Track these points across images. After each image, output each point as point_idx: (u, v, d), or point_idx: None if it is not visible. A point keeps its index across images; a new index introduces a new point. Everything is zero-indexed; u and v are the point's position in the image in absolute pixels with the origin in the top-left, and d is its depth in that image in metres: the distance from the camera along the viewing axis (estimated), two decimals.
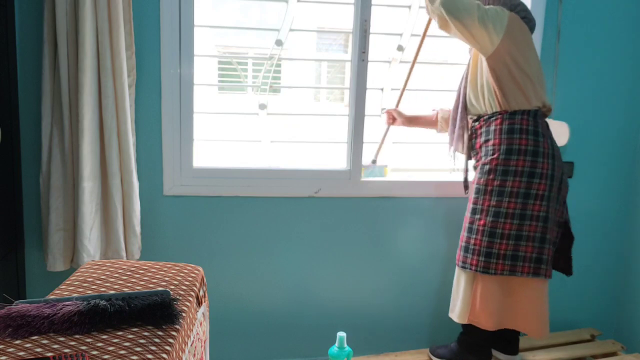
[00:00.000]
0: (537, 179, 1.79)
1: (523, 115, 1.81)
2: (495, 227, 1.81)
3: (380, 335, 2.33)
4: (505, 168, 1.80)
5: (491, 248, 1.82)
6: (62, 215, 1.88)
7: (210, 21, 2.11)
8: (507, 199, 1.80)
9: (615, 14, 2.25)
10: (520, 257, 1.81)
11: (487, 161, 1.84)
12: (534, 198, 1.79)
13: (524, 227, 1.80)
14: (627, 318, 2.45)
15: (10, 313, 1.12)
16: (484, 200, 1.83)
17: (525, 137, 1.80)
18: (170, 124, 2.02)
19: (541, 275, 1.82)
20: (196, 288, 1.44)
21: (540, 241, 1.81)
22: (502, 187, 1.80)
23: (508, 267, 1.82)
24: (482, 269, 1.83)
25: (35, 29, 1.85)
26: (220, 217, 2.12)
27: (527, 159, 1.79)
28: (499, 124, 1.83)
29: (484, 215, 1.83)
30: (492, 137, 1.84)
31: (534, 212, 1.80)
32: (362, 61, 2.10)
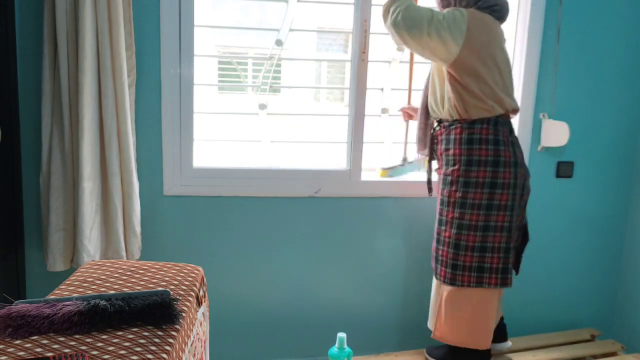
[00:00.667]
0: (500, 189, 1.77)
1: (483, 125, 1.77)
2: (460, 239, 1.80)
3: (380, 335, 2.33)
4: (466, 180, 1.77)
5: (457, 260, 1.81)
6: (62, 215, 1.88)
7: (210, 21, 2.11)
8: (470, 211, 1.78)
9: (615, 14, 2.25)
10: (487, 269, 1.80)
11: (449, 172, 1.82)
12: (497, 209, 1.77)
13: (488, 239, 1.78)
14: (627, 318, 2.45)
15: (10, 313, 1.12)
16: (447, 212, 1.82)
17: (485, 147, 1.76)
18: (170, 124, 2.02)
19: (508, 285, 1.82)
20: (196, 288, 1.44)
21: (505, 251, 1.80)
22: (464, 199, 1.78)
23: (474, 279, 1.80)
24: (450, 281, 1.83)
25: (35, 29, 1.85)
26: (220, 217, 2.12)
27: (487, 169, 1.76)
28: (459, 134, 1.79)
29: (448, 227, 1.82)
30: (452, 146, 1.81)
31: (498, 223, 1.78)
32: (362, 61, 2.10)
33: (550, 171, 2.33)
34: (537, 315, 2.44)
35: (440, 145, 1.87)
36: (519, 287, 2.40)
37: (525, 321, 2.43)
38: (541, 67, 2.23)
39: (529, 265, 2.39)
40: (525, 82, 2.23)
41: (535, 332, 2.42)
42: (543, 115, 2.27)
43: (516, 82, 2.22)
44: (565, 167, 2.33)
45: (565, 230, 2.39)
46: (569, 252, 2.42)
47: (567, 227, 2.39)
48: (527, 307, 2.42)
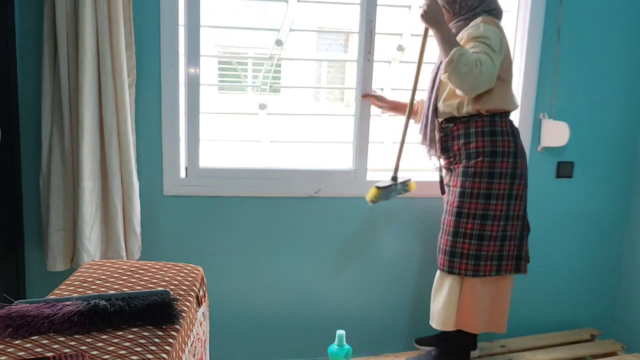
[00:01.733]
0: (518, 180, 1.83)
1: (502, 117, 1.83)
2: (484, 229, 1.83)
3: (380, 335, 2.33)
4: (491, 171, 1.81)
5: (480, 251, 1.84)
6: (62, 215, 1.88)
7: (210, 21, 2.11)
8: (495, 202, 1.82)
9: (615, 14, 2.25)
10: (505, 257, 1.87)
11: (472, 164, 1.83)
12: (515, 198, 1.84)
13: (507, 227, 1.85)
14: (627, 318, 2.45)
15: (10, 313, 1.12)
16: (470, 203, 1.83)
17: (507, 138, 1.82)
18: (171, 124, 2.02)
19: (522, 271, 1.90)
20: (196, 288, 1.44)
21: (519, 239, 1.89)
22: (489, 189, 1.81)
23: (495, 267, 1.86)
24: (472, 273, 1.85)
25: (35, 29, 1.85)
26: (220, 217, 2.12)
27: (510, 160, 1.81)
28: (480, 127, 1.83)
29: (471, 218, 1.84)
30: (474, 139, 1.83)
31: (515, 212, 1.85)
32: (367, 61, 2.10)
33: (550, 171, 2.33)
34: (537, 315, 2.44)
35: (457, 141, 1.88)
36: (519, 287, 2.40)
37: (525, 321, 2.43)
38: (541, 67, 2.23)
39: (529, 265, 2.38)
40: (525, 82, 2.23)
41: (535, 332, 2.42)
42: (543, 115, 2.27)
43: (516, 82, 2.22)
44: (565, 167, 2.33)
45: (565, 231, 2.39)
46: (569, 253, 2.42)
47: (567, 227, 2.39)
48: (527, 307, 2.42)
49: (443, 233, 1.92)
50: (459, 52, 1.69)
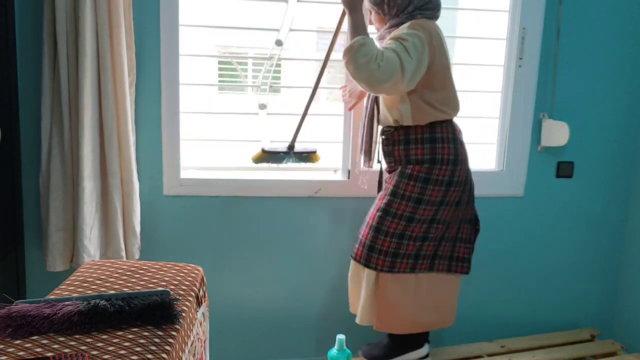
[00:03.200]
0: (454, 187, 1.80)
1: (442, 124, 1.79)
2: (406, 230, 1.81)
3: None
4: (427, 176, 1.78)
5: (398, 249, 1.82)
6: (61, 215, 1.88)
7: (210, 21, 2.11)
8: (424, 207, 1.79)
9: (615, 14, 2.25)
10: (421, 256, 1.85)
11: (410, 167, 1.80)
12: (447, 204, 1.81)
13: (431, 230, 1.83)
14: (627, 318, 2.45)
15: (10, 313, 1.12)
16: (399, 204, 1.80)
17: (447, 146, 1.79)
18: (171, 124, 2.02)
19: (452, 272, 1.89)
20: (196, 288, 1.44)
21: (439, 240, 1.85)
22: (421, 194, 1.79)
23: (410, 265, 1.84)
24: (388, 269, 1.83)
25: (35, 29, 1.85)
26: (220, 217, 2.12)
27: (448, 168, 1.79)
28: (420, 134, 1.79)
29: (396, 219, 1.81)
30: (414, 146, 1.80)
31: (443, 217, 1.82)
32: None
33: (550, 171, 2.33)
34: (537, 315, 2.44)
35: (397, 146, 1.84)
36: (518, 287, 2.40)
37: (525, 321, 2.43)
38: (541, 67, 2.23)
39: (529, 265, 2.39)
40: (525, 82, 2.23)
41: (535, 332, 2.42)
42: (543, 115, 2.27)
43: (516, 82, 2.22)
44: (565, 167, 2.33)
45: (565, 230, 2.39)
46: (569, 252, 2.42)
47: (567, 227, 2.39)
48: (527, 307, 2.42)
49: (365, 225, 1.88)
50: (362, 41, 1.62)
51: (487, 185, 2.29)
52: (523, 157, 2.29)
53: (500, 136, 2.30)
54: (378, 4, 1.77)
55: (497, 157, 2.32)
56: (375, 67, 1.60)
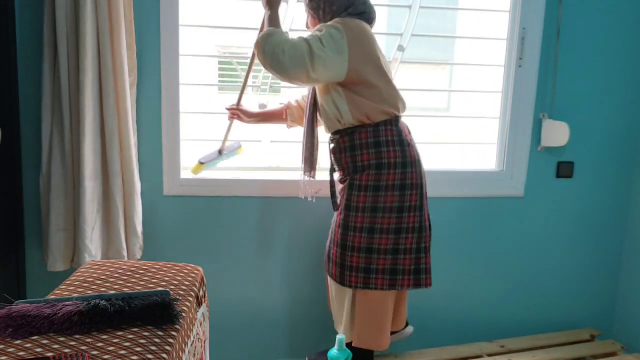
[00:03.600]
0: (409, 190, 1.75)
1: (387, 126, 1.75)
2: (372, 243, 1.75)
3: None
4: (376, 183, 1.73)
5: (369, 264, 1.77)
6: (62, 215, 1.88)
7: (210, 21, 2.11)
8: (382, 215, 1.74)
9: (615, 14, 2.25)
10: (399, 271, 1.78)
11: (357, 177, 1.76)
12: (409, 210, 1.75)
13: (400, 241, 1.76)
14: (627, 318, 2.45)
15: (10, 313, 1.12)
16: (356, 217, 1.76)
17: (393, 149, 1.74)
18: (171, 124, 2.02)
19: (422, 286, 1.80)
20: (196, 288, 1.44)
21: (417, 252, 1.79)
22: (375, 203, 1.74)
23: (388, 281, 1.78)
24: (362, 285, 1.78)
25: (36, 30, 1.85)
26: (221, 217, 2.12)
27: (397, 171, 1.73)
28: (365, 138, 1.75)
29: (357, 232, 1.76)
30: (359, 152, 1.75)
31: (409, 225, 1.76)
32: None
33: (550, 171, 2.33)
34: (537, 315, 2.44)
35: (344, 154, 1.79)
36: (519, 287, 2.41)
37: (525, 321, 2.43)
38: (541, 67, 2.23)
39: (529, 265, 2.39)
40: (525, 82, 2.23)
41: (535, 332, 2.42)
42: (543, 115, 2.27)
43: (516, 82, 2.22)
44: (565, 167, 2.33)
45: (565, 230, 2.39)
46: (569, 252, 2.42)
47: (567, 227, 2.39)
48: (527, 307, 2.42)
49: (332, 241, 1.85)
50: (270, 31, 1.66)
51: (487, 185, 2.29)
52: (523, 157, 2.29)
53: (500, 136, 2.30)
54: (314, 8, 1.78)
55: (497, 157, 2.32)
56: (280, 52, 1.61)
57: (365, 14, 1.77)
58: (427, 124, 2.87)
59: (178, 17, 1.96)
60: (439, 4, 2.38)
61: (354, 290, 1.83)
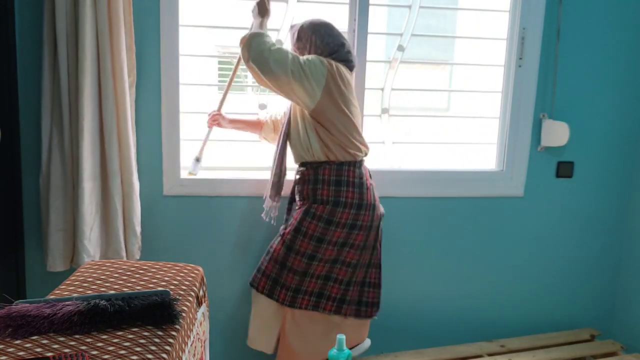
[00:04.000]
0: (357, 230, 1.85)
1: (350, 167, 1.84)
2: (309, 268, 1.86)
3: (379, 335, 2.32)
4: (330, 218, 1.83)
5: (301, 285, 1.87)
6: (62, 215, 1.88)
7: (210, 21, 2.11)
8: (325, 246, 1.84)
9: (615, 14, 2.25)
10: (325, 295, 1.88)
11: (315, 207, 1.85)
12: (350, 247, 1.86)
13: (334, 270, 1.87)
14: (627, 318, 2.45)
15: (10, 313, 1.12)
16: (302, 242, 1.85)
17: (351, 190, 1.83)
18: (171, 124, 2.02)
19: (342, 314, 1.90)
20: (196, 288, 1.44)
21: (347, 284, 1.89)
22: (323, 234, 1.84)
23: (313, 302, 1.88)
24: (289, 303, 1.88)
25: (35, 30, 1.85)
26: (221, 217, 2.12)
27: (351, 211, 1.83)
28: (327, 175, 1.84)
29: (299, 256, 1.85)
30: (321, 186, 1.85)
31: (347, 259, 1.86)
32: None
33: (550, 171, 2.33)
34: (537, 315, 2.44)
35: (307, 185, 1.89)
36: (519, 287, 2.40)
37: (526, 321, 2.43)
38: (541, 67, 2.23)
39: (529, 265, 2.39)
40: (525, 82, 2.23)
41: (535, 332, 2.42)
42: (543, 115, 2.27)
43: (516, 82, 2.22)
44: (565, 167, 2.33)
45: (565, 230, 2.39)
46: (568, 252, 2.42)
47: (567, 227, 2.39)
48: (527, 307, 2.42)
49: (268, 255, 1.91)
50: (259, 32, 1.74)
51: (487, 185, 2.29)
52: (523, 157, 2.29)
53: (500, 136, 2.30)
54: (300, 48, 1.86)
55: (497, 157, 2.32)
56: (266, 50, 1.70)
57: (348, 62, 1.86)
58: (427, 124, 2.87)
59: (178, 17, 1.96)
60: (439, 4, 2.39)
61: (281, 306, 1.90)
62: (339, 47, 1.84)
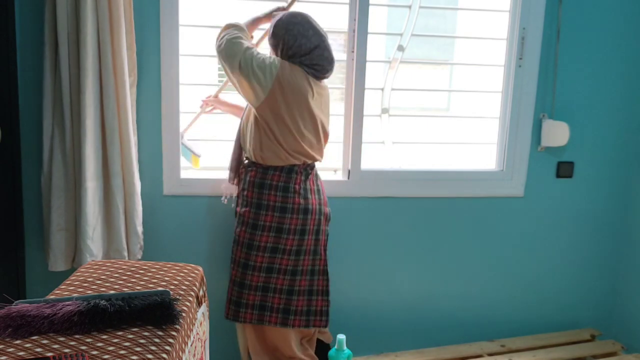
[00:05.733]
0: (285, 234, 1.83)
1: (276, 171, 1.83)
2: (244, 278, 1.86)
3: (380, 335, 2.33)
4: (254, 222, 1.83)
5: (240, 298, 1.87)
6: (63, 215, 1.88)
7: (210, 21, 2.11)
8: (255, 253, 1.84)
9: (615, 14, 2.25)
10: (268, 307, 1.87)
11: (242, 212, 1.87)
12: (282, 252, 1.84)
13: (271, 280, 1.86)
14: (627, 318, 2.45)
15: (10, 313, 1.12)
16: (236, 250, 1.87)
17: (274, 193, 1.82)
18: (171, 124, 2.02)
19: (289, 326, 1.88)
20: (196, 288, 1.44)
21: (288, 293, 1.87)
22: (251, 240, 1.84)
23: (256, 316, 1.88)
24: (232, 317, 1.89)
25: (36, 29, 1.85)
26: (220, 217, 2.12)
27: (275, 214, 1.82)
28: (253, 177, 1.85)
29: (236, 265, 1.87)
30: (247, 187, 1.86)
31: (282, 266, 1.85)
32: (351, 60, 2.10)
33: (550, 171, 2.33)
34: (538, 315, 2.44)
35: (240, 185, 1.91)
36: (519, 286, 2.41)
37: (526, 321, 2.43)
38: (541, 67, 2.23)
39: (529, 265, 2.39)
40: (525, 82, 2.23)
41: (535, 331, 2.42)
42: (543, 115, 2.27)
43: (516, 82, 2.22)
44: (565, 167, 2.33)
45: (565, 230, 2.39)
46: (569, 252, 2.42)
47: (567, 227, 2.39)
48: (527, 306, 2.42)
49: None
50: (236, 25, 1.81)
51: (487, 185, 2.29)
52: (523, 157, 2.29)
53: (500, 136, 2.30)
54: (273, 45, 1.84)
55: (497, 157, 2.32)
56: (228, 40, 1.76)
57: (319, 66, 1.81)
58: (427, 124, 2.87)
59: (178, 17, 1.96)
60: (439, 4, 2.39)
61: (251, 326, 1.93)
62: (312, 50, 1.78)
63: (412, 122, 2.62)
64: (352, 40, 2.09)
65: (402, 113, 2.46)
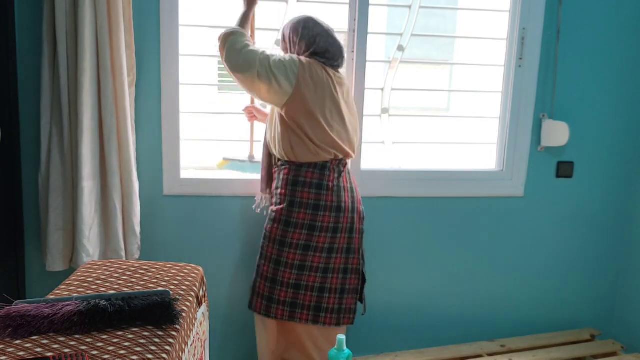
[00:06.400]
0: (318, 232, 1.83)
1: (309, 168, 1.83)
2: (276, 274, 1.86)
3: (380, 335, 2.33)
4: (287, 219, 1.83)
5: (272, 294, 1.87)
6: (61, 215, 1.88)
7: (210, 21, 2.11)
8: (287, 250, 1.84)
9: (615, 14, 2.25)
10: (299, 305, 1.86)
11: (275, 209, 1.87)
12: (315, 250, 1.84)
13: (303, 277, 1.85)
14: (627, 318, 2.45)
15: (10, 313, 1.12)
16: (267, 247, 1.87)
17: (307, 190, 1.82)
18: (171, 124, 2.01)
19: (320, 323, 1.88)
20: (196, 288, 1.44)
21: (320, 291, 1.87)
22: (283, 237, 1.84)
23: (288, 313, 1.87)
24: (265, 312, 1.89)
25: (35, 28, 1.85)
26: (220, 217, 2.12)
27: (308, 212, 1.82)
28: (287, 174, 1.85)
29: (267, 262, 1.87)
30: (281, 186, 1.86)
31: (314, 263, 1.84)
32: (351, 60, 2.10)
33: (550, 171, 2.33)
34: (538, 315, 2.44)
35: (274, 184, 1.91)
36: (519, 286, 2.40)
37: (526, 321, 2.43)
38: (541, 67, 2.23)
39: (529, 265, 2.39)
40: (525, 82, 2.23)
41: (535, 332, 2.42)
42: (543, 115, 2.27)
43: (516, 82, 2.22)
44: (565, 167, 2.33)
45: (565, 230, 2.39)
46: (569, 252, 2.42)
47: (567, 227, 2.39)
48: (527, 307, 2.42)
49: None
50: (231, 30, 1.76)
51: (487, 185, 2.29)
52: (523, 157, 2.29)
53: (500, 136, 2.30)
54: (284, 49, 1.87)
55: (497, 157, 2.32)
56: (238, 50, 1.73)
57: (329, 52, 1.81)
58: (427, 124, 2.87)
59: (178, 17, 1.96)
60: (439, 4, 2.39)
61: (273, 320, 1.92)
62: (315, 37, 1.79)
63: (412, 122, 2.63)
64: (352, 40, 2.09)
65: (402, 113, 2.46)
